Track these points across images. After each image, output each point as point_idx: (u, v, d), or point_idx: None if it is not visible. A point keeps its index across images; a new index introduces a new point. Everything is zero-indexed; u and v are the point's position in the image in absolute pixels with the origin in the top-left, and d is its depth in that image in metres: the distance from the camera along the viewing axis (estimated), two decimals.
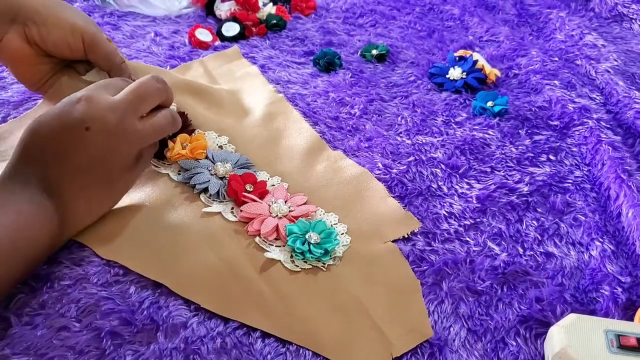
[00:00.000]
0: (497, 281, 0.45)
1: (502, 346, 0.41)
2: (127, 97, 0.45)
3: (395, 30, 0.83)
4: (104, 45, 0.54)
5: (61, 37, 0.52)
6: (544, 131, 0.63)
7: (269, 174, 0.53)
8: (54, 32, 0.52)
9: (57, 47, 0.53)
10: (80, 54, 0.54)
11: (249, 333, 0.40)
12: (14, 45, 0.52)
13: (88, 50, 0.54)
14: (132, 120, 0.44)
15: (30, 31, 0.51)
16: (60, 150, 0.41)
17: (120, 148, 0.44)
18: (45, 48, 0.53)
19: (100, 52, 0.54)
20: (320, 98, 0.66)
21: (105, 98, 0.43)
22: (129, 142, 0.44)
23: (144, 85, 0.46)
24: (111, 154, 0.43)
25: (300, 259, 0.45)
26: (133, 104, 0.45)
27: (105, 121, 0.42)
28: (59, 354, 0.37)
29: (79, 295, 0.40)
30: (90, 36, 0.53)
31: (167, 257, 0.44)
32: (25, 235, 0.39)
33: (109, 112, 0.43)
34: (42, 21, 0.51)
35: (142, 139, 0.46)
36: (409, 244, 0.48)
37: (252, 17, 0.80)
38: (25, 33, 0.51)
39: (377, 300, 0.43)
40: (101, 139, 0.42)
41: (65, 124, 0.41)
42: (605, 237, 0.49)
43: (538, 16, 0.88)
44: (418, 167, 0.56)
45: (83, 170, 0.42)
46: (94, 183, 0.43)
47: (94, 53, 0.54)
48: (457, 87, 0.68)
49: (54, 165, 0.42)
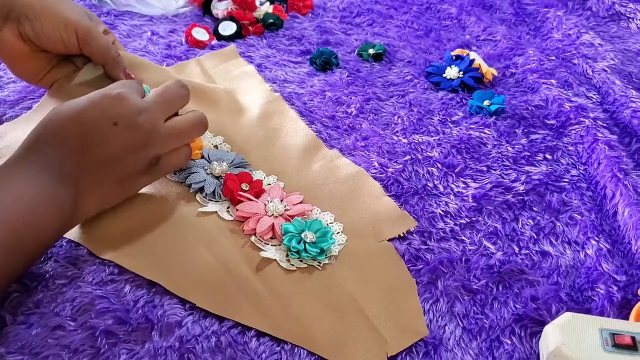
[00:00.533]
0: (493, 280, 0.45)
1: (497, 345, 0.41)
2: (156, 100, 0.45)
3: (392, 30, 0.83)
4: (98, 39, 0.54)
5: (55, 33, 0.52)
6: (541, 130, 0.63)
7: (265, 173, 0.53)
8: (48, 28, 0.52)
9: (51, 42, 0.53)
10: (75, 49, 0.54)
11: (244, 332, 0.40)
12: (9, 43, 0.52)
13: (82, 44, 0.54)
14: (158, 123, 0.45)
15: (24, 28, 0.51)
16: (86, 141, 0.42)
17: (140, 149, 0.44)
18: (40, 44, 0.53)
19: (95, 47, 0.54)
20: (316, 97, 0.66)
21: (135, 98, 0.44)
22: (150, 144, 0.44)
23: (170, 90, 0.47)
24: (130, 153, 0.44)
25: (296, 257, 0.45)
26: (160, 108, 0.46)
27: (134, 121, 0.43)
28: (54, 352, 0.37)
29: (73, 294, 0.40)
30: (83, 30, 0.53)
31: (163, 256, 0.44)
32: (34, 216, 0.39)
33: (138, 112, 0.43)
34: (36, 17, 0.51)
35: (163, 143, 0.46)
36: (405, 243, 0.48)
37: (249, 16, 0.80)
38: (19, 30, 0.51)
39: (373, 299, 0.43)
40: (126, 137, 0.43)
41: (95, 116, 0.42)
42: (601, 236, 0.49)
43: (535, 15, 0.88)
44: (414, 166, 0.56)
45: (102, 164, 0.43)
46: (107, 179, 0.43)
47: (88, 47, 0.54)
48: (453, 86, 0.68)
49: (76, 154, 0.42)
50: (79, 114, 0.42)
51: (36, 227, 0.39)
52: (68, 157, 0.41)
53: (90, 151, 0.42)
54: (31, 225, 0.38)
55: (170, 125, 0.46)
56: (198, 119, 0.48)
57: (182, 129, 0.47)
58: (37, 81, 0.57)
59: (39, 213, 0.39)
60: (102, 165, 0.43)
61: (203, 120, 0.49)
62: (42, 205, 0.39)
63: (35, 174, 0.40)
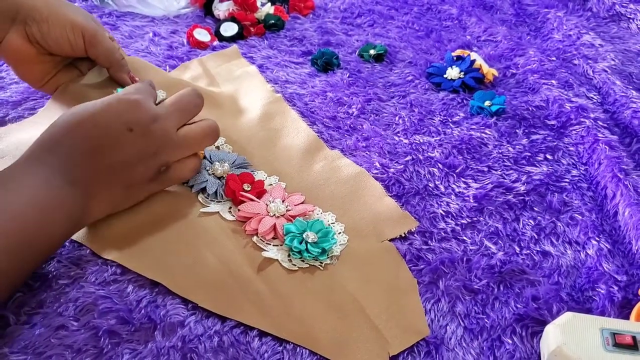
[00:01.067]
0: (494, 280, 0.46)
1: (498, 344, 0.41)
2: (170, 109, 0.46)
3: (393, 30, 0.83)
4: (104, 42, 0.55)
5: (62, 35, 0.53)
6: (541, 130, 0.63)
7: (266, 174, 0.53)
8: (55, 30, 0.52)
9: (58, 44, 0.53)
10: (81, 51, 0.55)
11: (246, 332, 0.40)
12: (16, 45, 0.52)
13: (88, 46, 0.54)
14: (171, 131, 0.45)
15: (31, 30, 0.51)
16: (99, 144, 0.42)
17: (151, 156, 0.44)
18: (46, 46, 0.53)
19: (101, 49, 0.55)
20: (318, 98, 0.66)
21: (151, 105, 0.44)
22: (161, 152, 0.45)
23: (186, 99, 0.47)
24: (141, 160, 0.44)
25: (298, 258, 0.45)
26: (174, 116, 0.46)
27: (148, 128, 0.43)
28: (57, 352, 0.37)
29: (76, 294, 0.40)
30: (90, 33, 0.54)
31: (165, 257, 0.44)
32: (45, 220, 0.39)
33: (153, 119, 0.44)
34: (43, 19, 0.51)
35: (175, 151, 0.46)
36: (406, 243, 0.48)
37: (251, 17, 0.80)
38: (27, 32, 0.52)
39: (374, 299, 0.43)
40: (139, 143, 0.43)
41: (110, 120, 0.42)
42: (601, 236, 0.49)
43: (536, 16, 0.88)
44: (415, 167, 0.56)
45: (112, 169, 0.42)
46: (117, 184, 0.43)
47: (94, 49, 0.55)
48: (454, 87, 0.69)
49: (88, 157, 0.41)
50: (94, 116, 0.42)
51: (46, 230, 0.39)
52: (80, 159, 0.41)
53: (102, 155, 0.42)
54: (42, 228, 0.38)
55: (182, 134, 0.46)
56: (210, 128, 0.48)
57: (194, 138, 0.47)
58: (41, 85, 0.57)
59: (49, 217, 0.39)
60: (112, 170, 0.42)
61: (215, 130, 0.49)
62: (52, 209, 0.39)
63: (46, 176, 0.40)
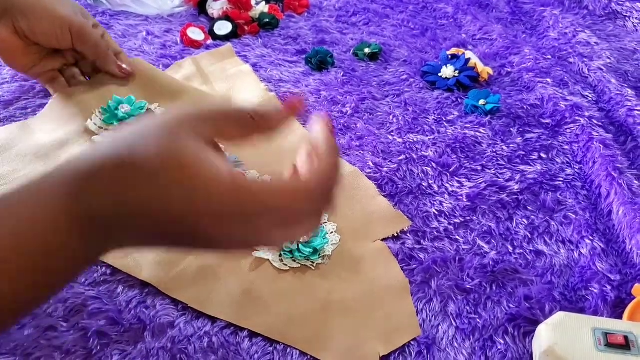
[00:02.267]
0: (486, 279, 0.45)
1: (490, 344, 0.41)
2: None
3: (388, 29, 0.83)
4: (91, 36, 0.57)
5: (49, 30, 0.55)
6: (536, 129, 0.62)
7: (258, 173, 0.53)
8: (42, 25, 0.54)
9: (46, 38, 0.55)
10: (67, 44, 0.57)
11: (237, 332, 0.40)
12: (4, 37, 0.54)
13: (75, 41, 0.56)
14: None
15: (19, 24, 0.53)
16: (190, 236, 0.28)
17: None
18: (34, 39, 0.55)
19: (87, 43, 0.57)
20: (312, 97, 0.65)
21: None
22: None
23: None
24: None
25: (289, 257, 0.45)
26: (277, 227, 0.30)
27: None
28: (46, 354, 0.37)
29: (66, 295, 0.40)
30: (77, 27, 0.55)
31: (154, 257, 0.44)
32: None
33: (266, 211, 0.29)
34: (31, 13, 0.53)
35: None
36: (399, 243, 0.48)
37: (245, 16, 0.80)
38: (15, 26, 0.54)
39: (366, 299, 0.43)
40: (238, 234, 0.29)
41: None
42: (595, 235, 0.49)
43: (532, 14, 0.88)
44: (409, 166, 0.56)
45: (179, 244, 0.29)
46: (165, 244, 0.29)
47: (81, 43, 0.57)
48: (449, 86, 0.68)
49: (147, 238, 0.28)
50: (209, 203, 0.27)
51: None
52: (131, 235, 0.28)
53: (177, 244, 0.29)
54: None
55: (279, 240, 0.32)
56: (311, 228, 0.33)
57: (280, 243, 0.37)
58: (27, 71, 0.59)
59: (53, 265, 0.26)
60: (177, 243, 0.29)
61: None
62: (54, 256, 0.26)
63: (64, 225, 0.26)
